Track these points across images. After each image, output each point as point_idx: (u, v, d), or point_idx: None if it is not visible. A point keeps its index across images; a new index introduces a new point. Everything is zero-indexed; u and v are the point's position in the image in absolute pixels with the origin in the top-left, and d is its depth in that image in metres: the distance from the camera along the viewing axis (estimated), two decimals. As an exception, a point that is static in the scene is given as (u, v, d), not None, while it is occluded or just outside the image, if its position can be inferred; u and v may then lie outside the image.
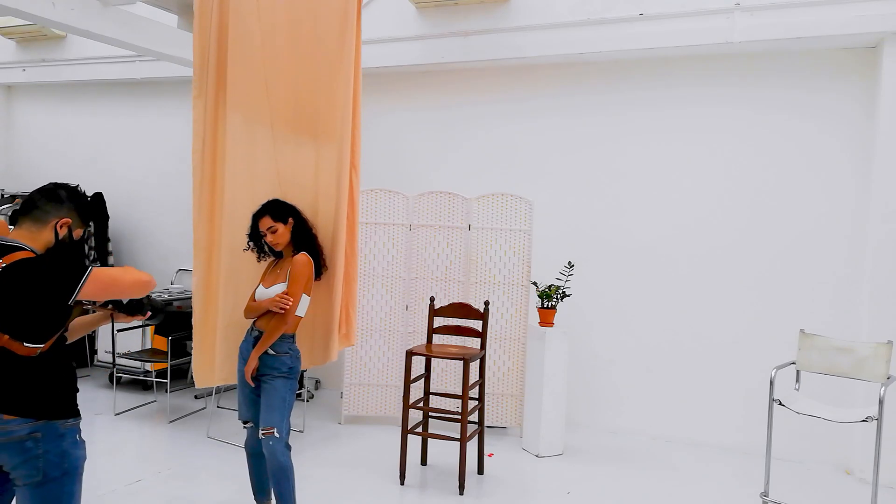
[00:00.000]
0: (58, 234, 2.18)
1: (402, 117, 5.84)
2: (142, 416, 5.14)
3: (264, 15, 3.61)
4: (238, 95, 3.59)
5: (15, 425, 2.03)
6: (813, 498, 4.04)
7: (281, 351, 3.20)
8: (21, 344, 2.03)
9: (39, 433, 2.05)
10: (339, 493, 3.88)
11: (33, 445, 2.04)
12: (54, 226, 2.17)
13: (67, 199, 2.22)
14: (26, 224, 2.15)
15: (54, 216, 2.18)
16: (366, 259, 5.06)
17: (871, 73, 4.50)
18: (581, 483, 4.16)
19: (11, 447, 2.04)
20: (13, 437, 2.03)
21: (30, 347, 2.04)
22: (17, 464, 2.05)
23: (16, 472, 2.07)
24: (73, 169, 7.26)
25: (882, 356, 3.59)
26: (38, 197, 2.19)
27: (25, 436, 2.04)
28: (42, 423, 2.06)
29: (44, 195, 2.19)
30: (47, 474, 2.06)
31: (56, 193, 2.20)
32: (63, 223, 2.19)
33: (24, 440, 2.04)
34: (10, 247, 2.08)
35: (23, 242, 2.11)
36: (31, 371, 2.06)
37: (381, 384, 5.15)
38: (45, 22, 4.39)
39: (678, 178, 5.02)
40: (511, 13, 5.15)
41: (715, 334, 4.90)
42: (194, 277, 3.61)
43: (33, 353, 2.05)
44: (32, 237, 2.14)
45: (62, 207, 2.20)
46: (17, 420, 2.03)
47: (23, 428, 2.04)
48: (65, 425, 2.11)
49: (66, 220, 2.20)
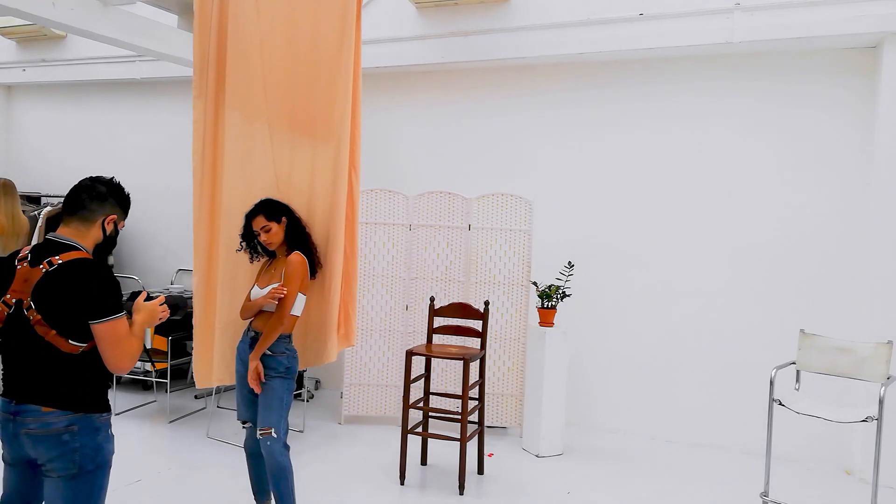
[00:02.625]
0: (105, 230, 2.28)
1: (403, 117, 5.84)
2: (142, 416, 5.14)
3: (264, 15, 3.61)
4: (237, 95, 3.59)
5: (53, 417, 2.10)
6: (813, 498, 4.04)
7: (278, 351, 3.20)
8: (66, 341, 2.11)
9: (76, 426, 2.12)
10: (339, 493, 3.88)
11: (70, 439, 2.11)
12: (102, 223, 2.27)
13: (109, 195, 2.30)
14: (74, 223, 2.23)
15: (100, 214, 2.26)
16: (366, 259, 5.06)
17: (871, 72, 4.50)
18: (581, 483, 4.16)
19: (49, 440, 2.10)
20: (52, 429, 2.10)
21: (74, 345, 2.12)
22: (53, 457, 2.11)
23: (51, 464, 2.12)
24: (73, 169, 7.25)
25: (882, 356, 3.59)
26: (83, 196, 2.25)
27: (63, 429, 2.10)
28: (79, 416, 2.13)
29: (87, 194, 2.26)
30: (83, 467, 2.12)
31: (98, 191, 2.28)
32: (110, 220, 2.29)
33: (61, 433, 2.10)
34: (67, 245, 2.18)
35: (76, 241, 2.20)
36: (72, 367, 2.13)
37: (381, 384, 5.15)
38: (45, 22, 4.39)
39: (678, 178, 5.02)
40: (511, 13, 5.15)
41: (715, 334, 4.90)
42: (195, 277, 3.61)
43: (76, 350, 2.13)
44: (81, 235, 2.23)
45: (106, 204, 2.28)
46: (55, 412, 2.10)
47: (61, 420, 2.10)
48: (100, 419, 2.19)
49: (112, 216, 2.30)
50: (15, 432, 2.13)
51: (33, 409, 2.10)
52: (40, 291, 2.10)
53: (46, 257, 2.12)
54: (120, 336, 2.13)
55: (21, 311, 2.13)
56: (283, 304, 3.16)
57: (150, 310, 2.33)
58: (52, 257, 2.12)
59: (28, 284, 2.12)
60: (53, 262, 2.11)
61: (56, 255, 2.13)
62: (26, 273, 2.14)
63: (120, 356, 2.14)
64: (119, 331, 2.13)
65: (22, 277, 2.14)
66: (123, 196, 2.35)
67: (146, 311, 2.32)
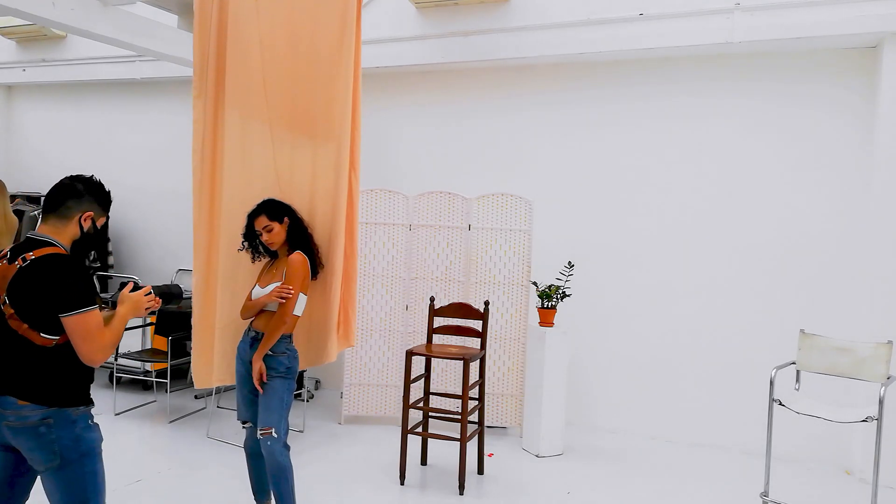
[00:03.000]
0: (82, 227, 2.30)
1: (402, 117, 5.84)
2: (142, 416, 5.14)
3: (264, 15, 3.61)
4: (237, 95, 3.59)
5: (28, 411, 2.13)
6: (813, 498, 4.04)
7: (278, 351, 3.20)
8: (38, 334, 2.14)
9: (51, 419, 2.14)
10: (339, 493, 3.88)
11: (46, 431, 2.13)
12: (78, 220, 2.29)
13: (86, 192, 2.32)
14: (51, 220, 2.26)
15: (77, 211, 2.28)
16: (366, 259, 5.06)
17: (871, 72, 4.50)
18: (581, 483, 4.16)
19: (26, 432, 2.14)
20: (27, 422, 2.13)
21: (46, 338, 2.14)
22: (32, 447, 2.15)
23: (32, 455, 2.16)
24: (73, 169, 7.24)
25: (882, 356, 3.59)
26: (59, 194, 2.28)
27: (38, 421, 2.13)
28: (53, 410, 2.15)
29: (64, 192, 2.29)
30: (65, 458, 2.15)
31: (74, 188, 2.30)
32: (86, 216, 2.31)
33: (36, 426, 2.13)
34: (41, 241, 2.21)
35: (52, 237, 2.23)
36: (46, 360, 2.16)
37: (381, 384, 5.15)
38: (45, 22, 4.39)
39: (678, 178, 5.02)
40: (511, 13, 5.15)
41: (715, 334, 4.90)
42: (194, 277, 3.61)
43: (49, 343, 2.15)
44: (58, 231, 2.26)
45: (83, 201, 2.30)
46: (30, 406, 2.13)
47: (35, 414, 2.13)
48: (76, 412, 2.20)
49: (89, 212, 2.31)
50: None
51: (11, 401, 2.14)
52: (13, 287, 2.14)
53: (22, 254, 2.17)
54: (90, 329, 2.15)
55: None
56: (286, 305, 3.16)
57: (134, 300, 2.34)
58: (26, 253, 2.16)
59: (4, 281, 2.16)
60: (27, 257, 2.15)
61: (30, 251, 2.16)
62: (3, 270, 2.18)
63: (92, 350, 2.16)
64: (89, 324, 2.14)
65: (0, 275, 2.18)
66: (102, 193, 2.37)
67: (130, 301, 2.34)
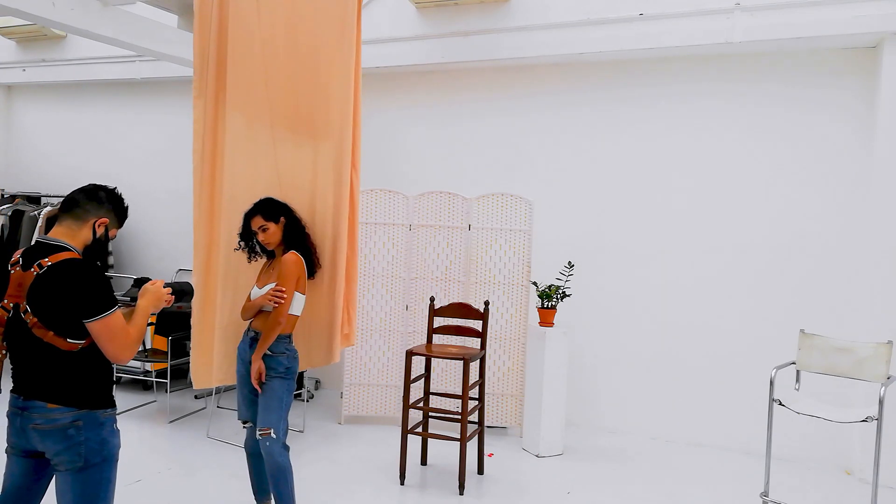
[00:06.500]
0: (95, 232, 2.32)
1: (403, 117, 5.84)
2: (142, 416, 5.14)
3: (264, 15, 3.61)
4: (238, 95, 3.59)
5: (58, 413, 2.17)
6: (813, 498, 4.04)
7: (277, 351, 3.20)
8: (65, 340, 2.16)
9: (81, 421, 2.18)
10: (339, 493, 3.88)
11: (75, 433, 2.18)
12: (93, 224, 2.31)
13: (107, 200, 2.35)
14: (67, 221, 2.28)
15: (93, 215, 2.31)
16: (366, 259, 5.06)
17: (871, 72, 4.50)
18: (581, 483, 4.16)
19: (55, 434, 2.17)
20: (57, 424, 2.17)
21: (72, 343, 2.17)
22: (60, 450, 2.18)
23: (58, 457, 2.19)
24: (73, 169, 7.26)
25: (882, 356, 3.59)
26: (80, 196, 2.32)
27: (68, 423, 2.17)
28: (84, 413, 2.19)
29: (85, 195, 2.32)
30: (88, 460, 2.19)
31: (97, 194, 2.34)
32: (101, 222, 2.33)
33: (66, 427, 2.17)
34: (55, 246, 2.22)
35: (65, 241, 2.24)
36: (73, 364, 2.19)
37: (381, 384, 5.15)
38: (45, 22, 4.39)
39: (678, 178, 5.02)
40: (511, 13, 5.15)
41: (715, 334, 4.90)
42: (194, 277, 3.61)
43: (75, 347, 2.18)
44: (72, 234, 2.27)
45: (101, 208, 2.33)
46: (60, 409, 2.17)
47: (66, 416, 2.17)
48: (104, 414, 2.25)
49: (104, 219, 2.34)
50: (23, 426, 2.20)
51: (39, 405, 2.17)
52: (33, 294, 2.15)
53: (37, 260, 2.17)
54: (115, 331, 2.18)
55: (19, 315, 2.18)
56: (280, 306, 3.16)
57: (155, 294, 2.38)
58: (42, 259, 2.16)
59: (22, 288, 2.17)
60: (43, 264, 2.16)
61: (45, 256, 2.17)
62: (19, 277, 2.19)
63: (119, 348, 2.19)
64: (114, 325, 2.18)
65: (16, 282, 2.19)
66: (122, 206, 2.41)
67: (151, 294, 2.38)
